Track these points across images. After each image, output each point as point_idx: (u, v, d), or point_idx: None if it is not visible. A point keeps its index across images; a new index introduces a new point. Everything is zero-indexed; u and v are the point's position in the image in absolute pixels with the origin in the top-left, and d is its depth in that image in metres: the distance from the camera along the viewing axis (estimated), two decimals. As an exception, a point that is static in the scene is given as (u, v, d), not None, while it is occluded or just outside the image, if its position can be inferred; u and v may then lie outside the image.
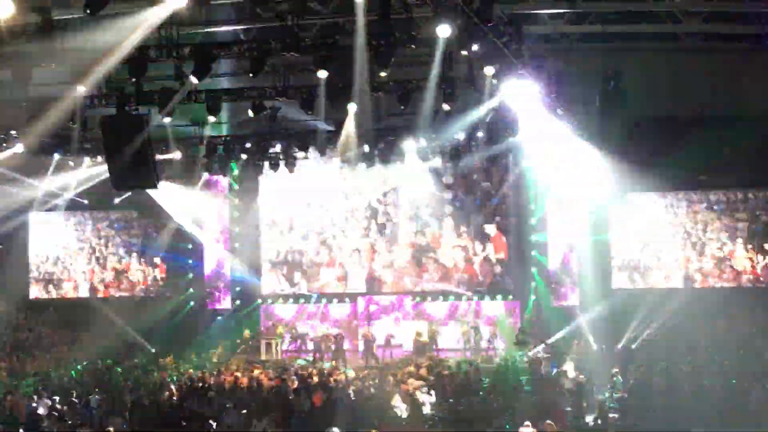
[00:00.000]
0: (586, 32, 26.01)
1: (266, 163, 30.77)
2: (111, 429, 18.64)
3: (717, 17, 25.04)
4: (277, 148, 30.05)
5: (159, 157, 27.86)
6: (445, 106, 23.08)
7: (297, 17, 18.13)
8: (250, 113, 24.10)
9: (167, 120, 24.07)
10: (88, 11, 14.05)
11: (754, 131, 27.91)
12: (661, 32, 26.16)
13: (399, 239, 34.69)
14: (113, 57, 18.64)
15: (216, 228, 35.60)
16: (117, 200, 34.95)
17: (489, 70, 19.10)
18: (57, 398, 22.45)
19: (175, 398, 22.59)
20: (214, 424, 19.77)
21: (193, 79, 19.68)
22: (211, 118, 24.40)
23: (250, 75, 19.45)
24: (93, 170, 31.52)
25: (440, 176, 34.01)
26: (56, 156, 29.50)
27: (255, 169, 31.72)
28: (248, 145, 29.15)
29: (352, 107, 23.90)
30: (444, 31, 15.86)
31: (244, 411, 20.55)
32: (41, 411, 20.98)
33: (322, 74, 19.33)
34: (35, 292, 36.58)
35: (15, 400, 22.14)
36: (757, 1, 23.74)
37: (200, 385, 23.96)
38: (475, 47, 17.35)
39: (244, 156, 30.19)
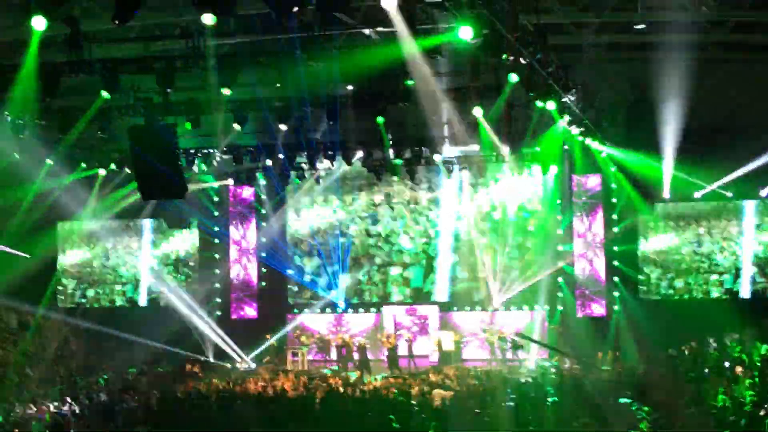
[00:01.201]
0: (613, 42, 25.93)
1: (293, 173, 30.96)
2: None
3: (744, 27, 24.88)
4: (304, 158, 30.19)
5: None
6: (476, 113, 23.13)
7: (323, 27, 18.20)
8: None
9: (195, 129, 24.16)
10: (116, 22, 14.18)
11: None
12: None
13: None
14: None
15: (242, 237, 35.65)
16: (145, 211, 35.09)
17: (513, 77, 19.07)
18: (84, 404, 22.56)
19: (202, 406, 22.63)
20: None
21: (225, 91, 19.80)
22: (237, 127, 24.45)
23: (277, 85, 19.53)
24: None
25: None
26: (83, 165, 29.76)
27: (281, 178, 31.84)
28: (274, 154, 29.24)
29: (380, 117, 23.94)
30: (466, 33, 15.83)
31: (270, 420, 20.56)
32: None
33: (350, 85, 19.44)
34: (63, 300, 36.76)
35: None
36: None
37: (227, 394, 23.98)
38: (501, 57, 17.40)
39: (270, 165, 30.30)
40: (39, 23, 15.33)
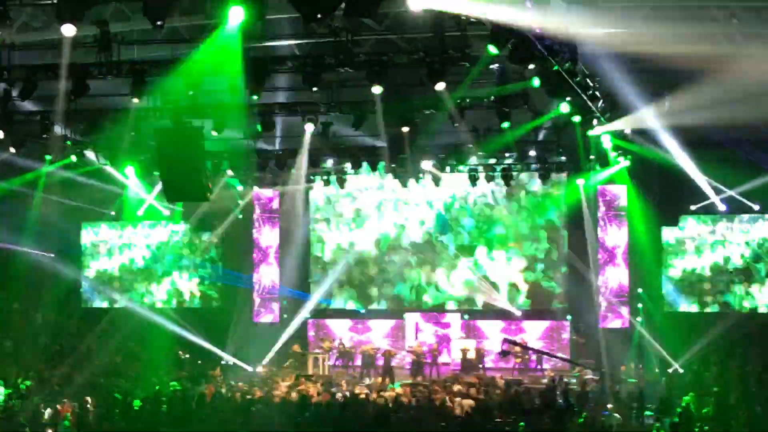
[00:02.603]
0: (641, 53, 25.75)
1: (317, 178, 31.05)
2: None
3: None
4: (329, 163, 30.32)
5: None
6: (504, 125, 23.12)
7: (351, 33, 18.22)
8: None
9: (220, 133, 24.17)
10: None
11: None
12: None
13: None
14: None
15: (265, 242, 35.69)
16: (167, 212, 35.31)
17: (536, 82, 19.03)
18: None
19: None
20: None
21: (253, 96, 19.84)
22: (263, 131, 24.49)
23: (313, 90, 19.49)
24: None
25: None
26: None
27: (306, 183, 31.87)
28: (299, 158, 29.26)
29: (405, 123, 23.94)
30: (493, 49, 15.92)
31: (292, 424, 20.58)
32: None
33: (377, 90, 19.42)
34: (86, 301, 36.84)
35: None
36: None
37: (249, 398, 23.98)
38: (529, 66, 17.39)
39: (294, 170, 30.35)
40: (68, 31, 15.37)
